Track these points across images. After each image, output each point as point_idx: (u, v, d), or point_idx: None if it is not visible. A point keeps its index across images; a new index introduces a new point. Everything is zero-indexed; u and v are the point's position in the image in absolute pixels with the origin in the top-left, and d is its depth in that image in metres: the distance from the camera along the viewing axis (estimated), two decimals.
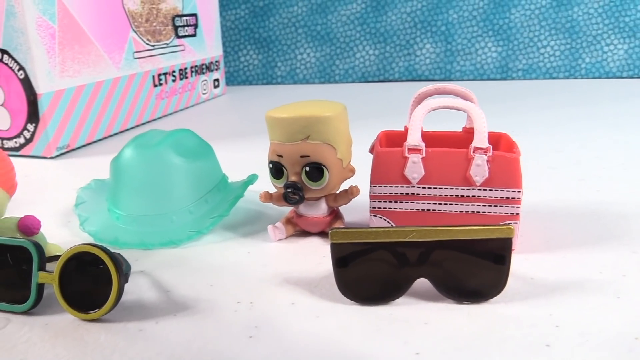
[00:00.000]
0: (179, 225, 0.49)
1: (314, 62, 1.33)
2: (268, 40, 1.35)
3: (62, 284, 0.37)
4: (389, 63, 1.31)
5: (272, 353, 0.32)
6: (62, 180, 0.70)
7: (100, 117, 0.88)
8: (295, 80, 1.35)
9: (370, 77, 1.32)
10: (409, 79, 1.31)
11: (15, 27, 0.73)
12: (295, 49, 1.33)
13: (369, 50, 1.31)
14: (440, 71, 1.29)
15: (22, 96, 0.76)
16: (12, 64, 0.75)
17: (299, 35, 1.33)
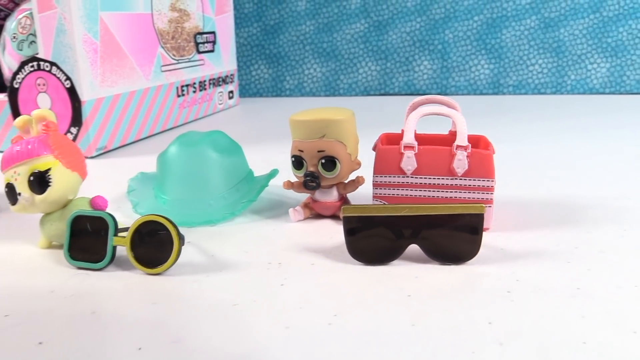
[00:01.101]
0: (215, 209, 0.59)
1: (320, 77, 1.44)
2: (278, 56, 1.46)
3: (133, 246, 0.48)
4: (389, 78, 1.42)
5: (299, 295, 0.43)
6: (104, 176, 0.80)
7: (133, 122, 0.98)
8: (302, 93, 1.46)
9: (372, 91, 1.43)
10: (407, 93, 1.42)
11: (65, 42, 0.84)
12: (303, 64, 1.45)
13: (371, 66, 1.42)
14: (436, 86, 1.40)
15: (67, 103, 0.87)
16: (59, 75, 0.86)
17: (306, 51, 1.44)
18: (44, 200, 0.51)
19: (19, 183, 0.51)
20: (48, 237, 0.53)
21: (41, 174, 0.50)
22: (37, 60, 0.87)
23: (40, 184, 0.51)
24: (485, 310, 0.40)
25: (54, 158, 0.51)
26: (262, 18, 1.45)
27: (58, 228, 0.52)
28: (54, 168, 0.51)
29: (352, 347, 0.36)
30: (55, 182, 0.51)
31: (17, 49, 0.89)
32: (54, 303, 0.43)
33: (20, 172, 0.51)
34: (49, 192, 0.51)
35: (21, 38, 0.89)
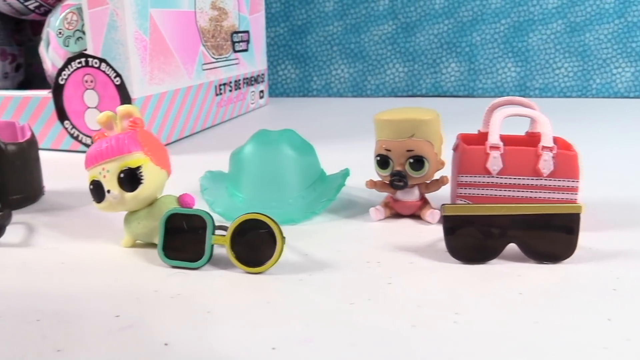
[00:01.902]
0: (295, 208, 0.59)
1: (347, 77, 1.45)
2: (305, 57, 1.46)
3: (233, 244, 0.47)
4: (416, 80, 1.42)
5: (413, 294, 0.42)
6: None
7: (177, 120, 0.98)
8: (329, 94, 1.46)
9: (399, 92, 1.43)
10: (435, 94, 1.42)
11: (116, 39, 0.83)
12: (330, 64, 1.45)
13: (398, 67, 1.42)
14: (463, 88, 1.41)
15: (116, 100, 0.86)
16: (109, 72, 0.85)
17: (334, 52, 1.44)
18: (135, 198, 0.50)
19: (107, 180, 0.50)
20: (134, 236, 0.53)
21: (132, 171, 0.50)
22: (85, 56, 0.86)
23: (131, 181, 0.50)
24: (600, 307, 0.40)
25: (144, 155, 0.51)
26: (289, 18, 1.44)
27: (145, 226, 0.52)
28: (144, 165, 0.50)
29: (481, 345, 0.36)
30: (146, 180, 0.50)
31: (63, 45, 0.88)
32: (162, 303, 0.42)
33: (110, 169, 0.50)
34: (141, 189, 0.50)
35: (67, 34, 0.88)
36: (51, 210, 0.65)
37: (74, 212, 0.64)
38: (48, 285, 0.45)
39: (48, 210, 0.64)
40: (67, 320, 0.40)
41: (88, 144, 0.90)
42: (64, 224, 0.60)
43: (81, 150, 0.91)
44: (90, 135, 0.89)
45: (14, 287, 0.45)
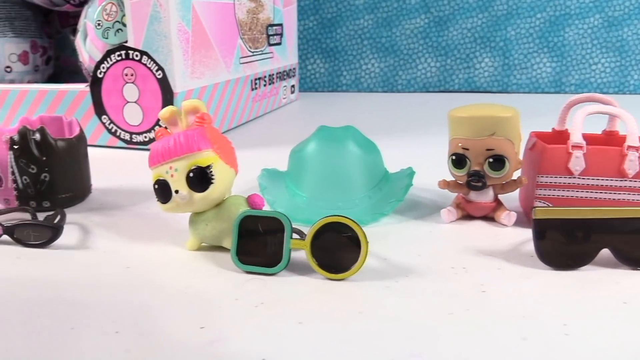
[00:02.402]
0: (361, 208, 0.56)
1: (377, 72, 1.42)
2: (335, 50, 1.43)
3: (313, 249, 0.45)
4: (449, 75, 1.39)
5: (513, 303, 0.40)
6: None
7: (215, 116, 0.95)
8: (359, 89, 1.43)
9: (431, 88, 1.40)
10: (467, 90, 1.39)
11: (158, 30, 0.81)
12: (361, 59, 1.42)
13: (430, 62, 1.39)
14: (497, 84, 1.38)
15: (157, 94, 0.83)
16: (150, 65, 0.82)
17: (364, 46, 1.41)
18: (205, 199, 0.48)
19: (175, 180, 0.48)
20: (200, 239, 0.50)
21: (202, 170, 0.47)
22: (126, 49, 0.83)
23: (201, 181, 0.47)
24: None
25: (214, 153, 0.48)
26: (319, 11, 1.41)
27: (214, 228, 0.49)
28: (214, 164, 0.48)
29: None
30: (217, 179, 0.48)
31: (101, 37, 0.85)
32: (246, 312, 0.39)
33: (178, 168, 0.48)
34: (212, 189, 0.48)
35: (106, 25, 0.85)
36: (102, 209, 0.62)
37: (126, 212, 0.61)
38: (117, 292, 0.43)
39: (99, 210, 0.62)
40: (148, 332, 0.37)
41: (126, 139, 0.87)
42: (118, 225, 0.57)
43: (120, 147, 0.88)
44: (128, 131, 0.87)
45: (83, 294, 0.43)
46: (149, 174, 0.51)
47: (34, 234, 0.52)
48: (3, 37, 1.01)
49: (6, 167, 0.60)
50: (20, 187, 0.60)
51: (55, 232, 0.52)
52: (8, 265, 0.48)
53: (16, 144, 0.59)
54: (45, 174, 0.60)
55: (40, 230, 0.52)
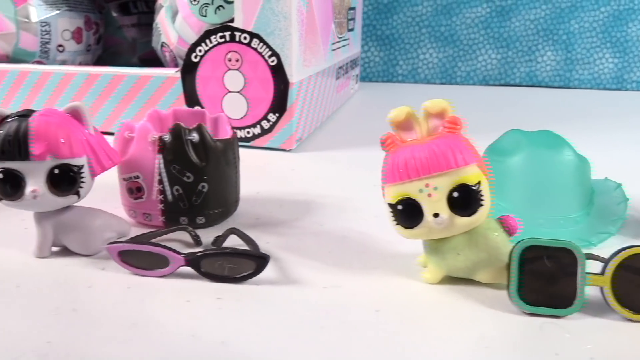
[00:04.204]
0: (584, 226, 0.48)
1: (436, 63, 1.33)
2: (391, 38, 1.34)
3: (615, 286, 0.36)
4: (510, 68, 1.32)
5: None
6: (326, 175, 0.67)
7: (315, 109, 0.84)
8: (416, 80, 1.34)
9: (490, 81, 1.33)
10: (529, 84, 1.33)
11: (276, 10, 0.69)
12: (418, 48, 1.33)
13: (491, 54, 1.32)
14: (559, 78, 1.32)
15: (269, 84, 0.72)
16: (262, 49, 0.71)
17: (422, 35, 1.32)
18: (471, 224, 0.38)
19: (434, 200, 0.38)
20: (448, 270, 0.41)
21: (470, 189, 0.38)
22: (231, 29, 0.71)
23: (468, 203, 0.38)
24: None
25: (478, 168, 0.39)
26: None
27: (468, 259, 0.40)
28: (482, 181, 0.38)
29: None
30: (486, 200, 0.38)
31: (198, 15, 0.73)
32: None
33: (439, 186, 0.38)
34: (481, 213, 0.38)
35: (204, 1, 0.73)
36: (264, 226, 0.51)
37: (298, 229, 0.51)
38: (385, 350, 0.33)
39: (261, 227, 0.51)
40: None
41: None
42: (305, 248, 0.47)
43: None
44: None
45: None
46: (276, 178, 0.41)
47: (228, 265, 0.41)
48: (56, 11, 0.86)
49: (151, 175, 0.48)
50: (170, 199, 0.48)
51: (260, 263, 0.41)
52: (214, 310, 0.37)
53: (168, 145, 0.48)
54: (204, 183, 0.48)
55: (238, 261, 0.41)
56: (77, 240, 0.44)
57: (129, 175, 0.49)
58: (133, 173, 0.48)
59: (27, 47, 0.85)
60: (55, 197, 0.42)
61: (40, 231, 0.44)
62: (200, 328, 0.35)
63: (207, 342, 0.34)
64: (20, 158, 0.41)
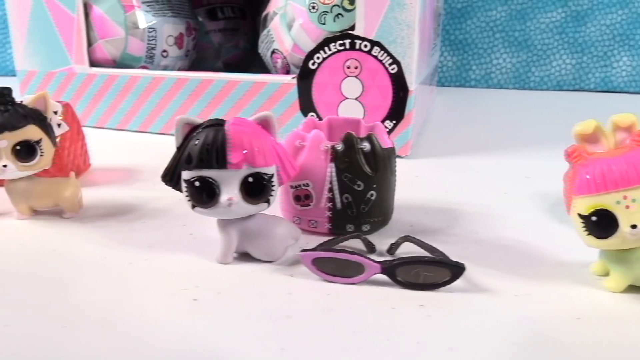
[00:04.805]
0: None
1: (509, 68, 1.33)
2: (464, 43, 1.33)
3: None
4: (585, 73, 1.31)
5: None
6: (449, 181, 0.67)
7: (421, 116, 0.84)
8: (489, 85, 1.34)
9: (565, 86, 1.32)
10: (604, 90, 1.32)
11: (400, 19, 0.70)
12: (491, 53, 1.33)
13: (565, 59, 1.31)
14: (635, 84, 1.31)
15: (387, 92, 0.73)
16: (383, 57, 0.72)
17: (495, 39, 1.32)
18: None
19: (631, 212, 0.38)
20: (635, 279, 0.41)
21: None
22: (352, 37, 0.72)
23: None
24: None
25: None
26: (447, 0, 1.31)
27: None
28: None
29: None
30: None
31: (317, 22, 0.74)
32: None
33: (637, 198, 0.38)
34: None
35: (323, 9, 0.74)
36: (420, 234, 0.52)
37: (452, 237, 0.51)
38: None
39: (417, 235, 0.51)
40: None
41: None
42: (477, 256, 0.47)
43: None
44: None
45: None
46: (404, 185, 0.42)
47: (424, 273, 0.42)
48: (162, 17, 0.88)
49: (322, 183, 0.49)
50: (338, 207, 0.49)
51: (456, 272, 0.41)
52: (423, 317, 0.38)
53: (341, 154, 0.48)
54: (373, 191, 0.49)
55: (434, 269, 0.42)
56: (262, 247, 0.45)
57: (298, 183, 0.49)
58: (303, 181, 0.49)
59: (134, 52, 0.87)
60: (247, 205, 0.43)
61: (226, 238, 0.45)
62: (419, 334, 0.36)
63: (434, 349, 0.35)
64: (218, 167, 0.42)
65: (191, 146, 0.42)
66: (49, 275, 0.43)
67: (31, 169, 0.52)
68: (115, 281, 0.43)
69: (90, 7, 0.86)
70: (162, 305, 0.39)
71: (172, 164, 0.44)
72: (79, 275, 0.43)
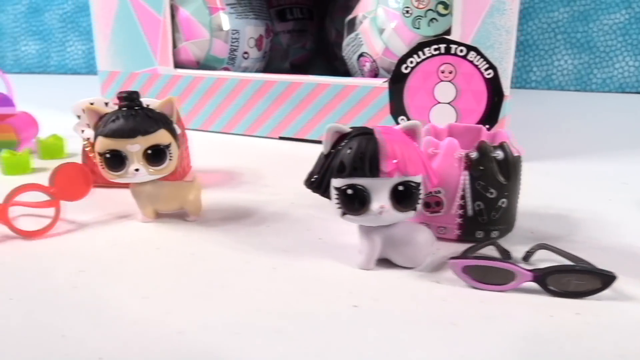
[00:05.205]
0: None
1: (570, 69, 1.32)
2: (525, 44, 1.33)
3: None
4: None
5: None
6: (549, 185, 0.67)
7: None
8: (549, 86, 1.34)
9: (627, 88, 1.31)
10: None
11: (499, 24, 0.70)
12: (553, 54, 1.32)
13: (628, 61, 1.30)
14: None
15: (482, 96, 0.73)
16: (479, 62, 0.72)
17: (557, 41, 1.31)
18: None
19: None
20: None
21: None
22: (447, 42, 0.72)
23: None
24: None
25: None
26: None
27: None
28: None
29: None
30: None
31: (412, 27, 0.74)
32: None
33: None
34: None
35: (417, 13, 0.74)
36: (544, 240, 0.52)
37: (576, 244, 0.51)
38: None
39: (541, 242, 0.51)
40: None
41: None
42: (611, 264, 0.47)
43: None
44: None
45: None
46: None
47: (575, 281, 0.42)
48: (245, 19, 0.89)
49: (455, 190, 0.49)
50: (470, 214, 0.50)
51: (607, 280, 0.42)
52: (582, 324, 0.38)
53: (475, 162, 0.49)
54: (504, 199, 0.50)
55: (585, 278, 0.42)
56: (405, 253, 0.46)
57: (430, 190, 0.50)
58: (435, 188, 0.50)
59: (217, 54, 0.88)
60: (396, 213, 0.44)
61: (369, 244, 0.46)
62: (589, 343, 0.36)
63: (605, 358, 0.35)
64: (370, 175, 0.43)
65: (343, 154, 0.43)
66: (203, 280, 0.44)
67: (160, 173, 0.53)
68: (266, 286, 0.43)
69: (177, 9, 0.87)
70: (324, 312, 0.40)
71: (320, 171, 0.45)
72: (230, 281, 0.44)
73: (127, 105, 0.52)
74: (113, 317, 0.39)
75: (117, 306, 0.40)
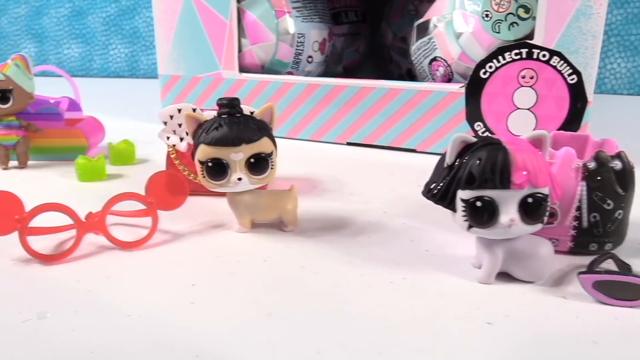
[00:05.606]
0: None
1: (624, 73, 1.30)
2: None
3: None
4: None
5: None
6: None
7: None
8: (601, 90, 1.32)
9: None
10: None
11: (584, 29, 0.69)
12: (605, 57, 1.30)
13: None
14: None
15: (564, 102, 0.71)
16: (562, 67, 0.70)
17: (610, 44, 1.29)
18: None
19: None
20: None
21: None
22: (530, 47, 0.71)
23: None
24: None
25: None
26: None
27: None
28: None
29: None
30: None
31: (491, 31, 0.73)
32: None
33: None
34: None
35: (497, 17, 0.73)
36: None
37: None
38: None
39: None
40: None
41: None
42: None
43: None
44: None
45: None
46: None
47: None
48: (310, 22, 0.88)
49: (570, 201, 0.48)
50: (584, 225, 0.48)
51: None
52: None
53: (593, 173, 0.47)
54: (621, 210, 0.48)
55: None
56: (529, 267, 0.44)
57: None
58: (559, 199, 0.48)
59: (283, 57, 0.87)
60: (525, 226, 0.42)
61: (492, 258, 0.44)
62: None
63: None
64: (501, 187, 0.41)
65: (472, 165, 0.42)
66: (324, 296, 0.43)
67: (261, 182, 0.52)
68: (391, 302, 0.42)
69: (243, 13, 0.86)
70: (459, 329, 0.39)
71: (443, 182, 0.43)
72: (351, 296, 0.43)
73: (227, 112, 0.51)
74: (243, 337, 0.37)
75: (238, 325, 0.39)
